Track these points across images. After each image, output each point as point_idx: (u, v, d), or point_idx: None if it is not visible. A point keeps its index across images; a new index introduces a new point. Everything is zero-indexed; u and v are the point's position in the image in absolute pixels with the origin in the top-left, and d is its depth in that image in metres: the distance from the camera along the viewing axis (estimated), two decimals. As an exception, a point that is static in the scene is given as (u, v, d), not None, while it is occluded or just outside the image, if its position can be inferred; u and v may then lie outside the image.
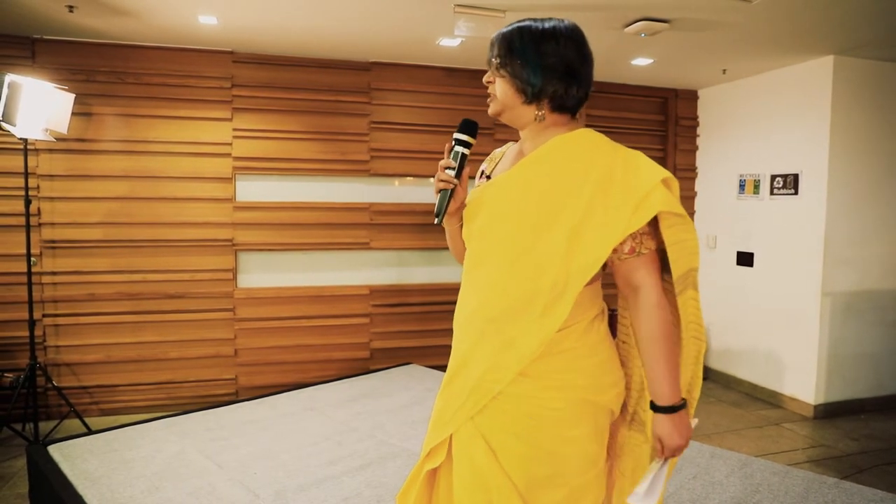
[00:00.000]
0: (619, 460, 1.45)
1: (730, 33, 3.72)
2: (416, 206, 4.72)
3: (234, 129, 4.31)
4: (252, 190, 4.42)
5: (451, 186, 1.38)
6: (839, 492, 2.64)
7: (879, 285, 4.45)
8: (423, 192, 4.79)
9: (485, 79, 1.39)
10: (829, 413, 4.32)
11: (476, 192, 1.42)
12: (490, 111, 1.39)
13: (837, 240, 4.27)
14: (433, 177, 4.75)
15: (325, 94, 4.48)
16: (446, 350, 5.33)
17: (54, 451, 2.87)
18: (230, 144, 4.31)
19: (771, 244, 4.65)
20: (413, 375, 4.27)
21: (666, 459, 1.30)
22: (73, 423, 3.85)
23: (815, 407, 4.31)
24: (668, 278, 1.35)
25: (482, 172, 1.53)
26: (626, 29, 3.61)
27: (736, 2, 3.16)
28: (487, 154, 1.60)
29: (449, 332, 5.26)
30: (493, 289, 1.33)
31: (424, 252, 4.82)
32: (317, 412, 3.53)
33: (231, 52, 4.28)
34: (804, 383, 4.38)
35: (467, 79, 4.76)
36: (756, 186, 4.78)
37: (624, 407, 1.44)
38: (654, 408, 1.29)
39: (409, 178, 4.77)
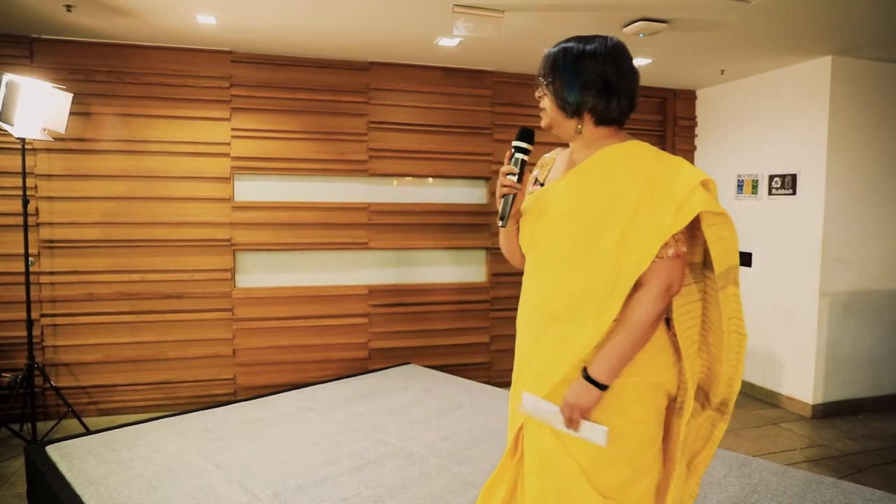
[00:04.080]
0: (668, 444, 1.51)
1: (728, 34, 3.73)
2: (414, 206, 4.72)
3: (233, 129, 4.31)
4: (250, 190, 4.42)
5: (515, 191, 1.49)
6: (837, 492, 2.64)
7: (877, 285, 4.46)
8: (421, 192, 4.79)
9: (536, 94, 1.53)
10: (827, 413, 4.33)
11: (531, 198, 1.53)
12: (542, 124, 1.53)
13: (835, 240, 4.27)
14: (431, 177, 4.79)
15: (324, 93, 4.48)
16: (445, 350, 5.32)
17: (52, 451, 2.86)
18: (228, 144, 4.31)
19: (769, 244, 4.65)
20: (412, 375, 4.26)
21: (562, 412, 1.40)
22: (72, 423, 3.84)
23: (814, 407, 4.32)
24: (710, 275, 1.46)
25: (535, 179, 1.63)
26: (625, 29, 3.61)
27: (734, 2, 3.17)
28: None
29: (446, 331, 5.24)
30: (552, 290, 1.45)
31: (423, 252, 4.82)
32: (315, 412, 3.53)
33: (230, 52, 4.28)
34: (802, 383, 4.39)
35: (466, 79, 4.76)
36: (754, 186, 4.79)
37: (705, 396, 1.52)
38: (584, 372, 1.39)
39: (407, 178, 4.77)
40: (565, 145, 1.60)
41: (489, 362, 4.96)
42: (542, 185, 1.57)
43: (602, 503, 1.40)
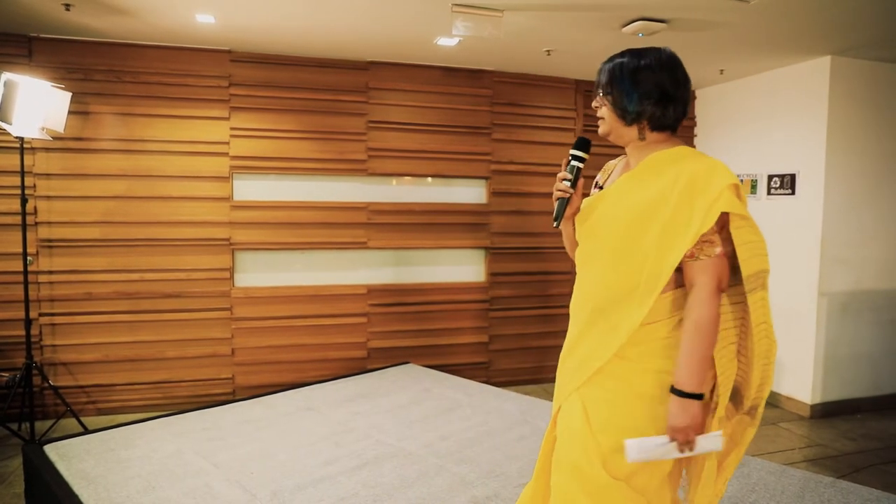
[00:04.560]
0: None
1: (727, 33, 3.73)
2: (413, 205, 4.72)
3: (232, 129, 4.30)
4: (249, 189, 4.41)
5: (568, 195, 1.63)
6: (835, 491, 2.65)
7: (876, 285, 4.46)
8: (420, 192, 4.79)
9: (593, 104, 1.62)
10: (825, 413, 4.33)
11: (588, 200, 1.65)
12: (599, 132, 1.62)
13: (834, 240, 4.28)
14: (430, 176, 4.79)
15: (323, 93, 4.47)
16: (444, 349, 5.32)
17: (50, 450, 2.86)
18: (227, 143, 4.30)
19: (768, 244, 4.64)
20: (410, 375, 4.27)
21: (672, 440, 1.44)
22: (70, 423, 3.84)
23: (812, 407, 4.32)
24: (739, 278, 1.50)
25: (596, 183, 1.75)
26: (624, 29, 3.61)
27: (733, 2, 3.17)
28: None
29: (445, 331, 5.24)
30: (600, 283, 1.57)
31: (422, 251, 4.82)
32: (314, 412, 3.53)
33: (229, 51, 4.28)
34: (801, 383, 4.39)
35: (465, 78, 4.76)
36: (753, 186, 4.79)
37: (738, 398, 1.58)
38: (672, 389, 1.44)
39: (406, 178, 4.77)
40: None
41: (488, 362, 4.96)
42: (601, 188, 1.70)
43: (611, 483, 1.48)
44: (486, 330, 4.94)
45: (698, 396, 1.42)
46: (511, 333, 5.02)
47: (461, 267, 4.93)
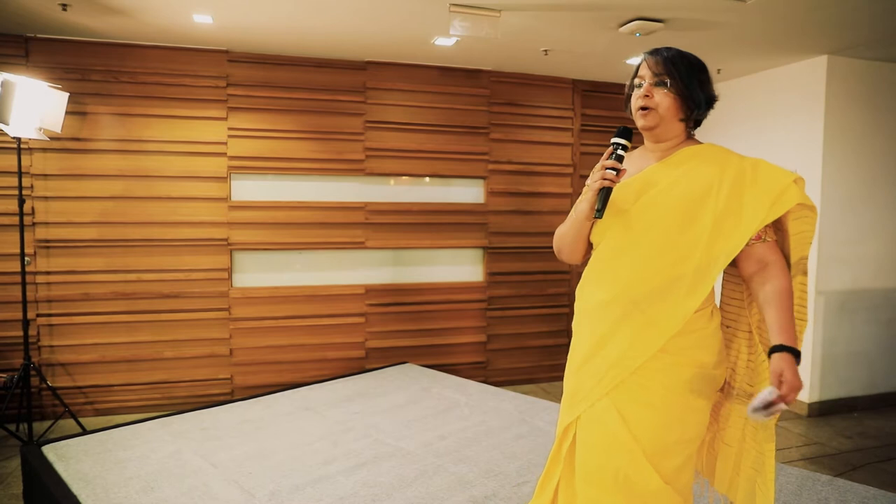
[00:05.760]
0: (723, 432, 1.64)
1: (724, 33, 3.73)
2: (411, 205, 4.72)
3: (230, 129, 4.30)
4: (247, 189, 4.41)
5: (614, 185, 1.54)
6: (832, 489, 2.65)
7: (873, 284, 4.48)
8: (418, 192, 4.79)
9: (642, 93, 1.55)
10: (823, 411, 4.34)
11: (619, 191, 1.59)
12: (646, 123, 1.56)
13: (831, 238, 4.29)
14: (428, 176, 4.79)
15: (321, 93, 4.47)
16: (442, 349, 5.28)
17: (48, 451, 2.86)
18: (225, 144, 4.30)
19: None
20: (408, 375, 4.27)
21: (778, 400, 1.37)
22: (68, 424, 3.84)
23: (810, 405, 4.33)
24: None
25: None
26: (621, 28, 3.62)
27: (730, 2, 3.17)
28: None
29: (443, 331, 5.20)
30: (638, 275, 1.51)
31: (420, 251, 4.82)
32: (312, 412, 3.53)
33: (226, 52, 4.27)
34: (798, 382, 4.40)
35: (463, 78, 4.76)
36: (750, 186, 4.80)
37: (728, 383, 1.64)
38: (782, 348, 1.41)
39: (404, 178, 4.77)
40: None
41: (486, 361, 4.97)
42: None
43: (661, 488, 1.46)
44: (485, 329, 4.94)
45: (800, 354, 1.43)
46: (509, 333, 5.02)
47: (459, 267, 4.94)
